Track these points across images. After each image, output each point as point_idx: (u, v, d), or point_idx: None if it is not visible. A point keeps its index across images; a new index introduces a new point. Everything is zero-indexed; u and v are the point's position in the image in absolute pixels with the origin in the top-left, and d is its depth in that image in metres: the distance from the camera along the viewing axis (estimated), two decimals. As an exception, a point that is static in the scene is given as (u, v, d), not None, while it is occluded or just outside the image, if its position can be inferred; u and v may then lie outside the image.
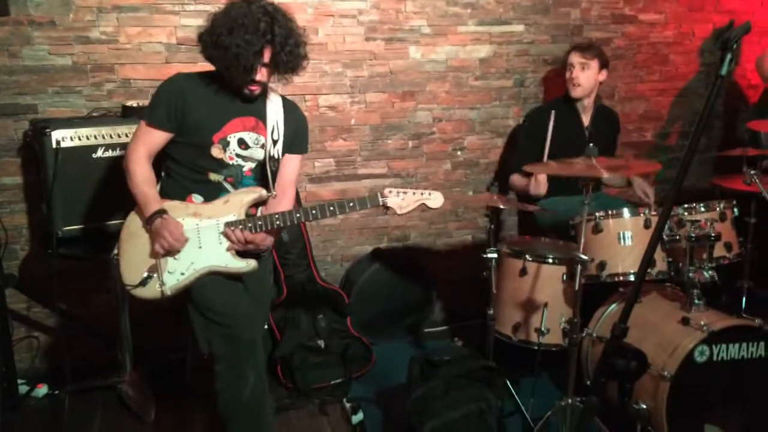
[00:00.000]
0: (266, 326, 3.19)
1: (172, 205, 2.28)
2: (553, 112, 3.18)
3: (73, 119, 2.88)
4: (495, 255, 2.84)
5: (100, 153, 2.76)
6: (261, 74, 2.22)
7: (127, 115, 2.87)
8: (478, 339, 3.14)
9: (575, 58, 3.36)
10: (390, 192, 2.29)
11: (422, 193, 2.30)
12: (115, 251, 2.34)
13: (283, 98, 2.43)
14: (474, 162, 3.75)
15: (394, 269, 3.54)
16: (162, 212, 2.23)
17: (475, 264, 3.05)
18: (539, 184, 3.21)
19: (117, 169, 2.75)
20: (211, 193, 2.32)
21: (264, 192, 2.33)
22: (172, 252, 2.24)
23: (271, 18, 2.16)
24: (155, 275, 2.24)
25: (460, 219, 3.83)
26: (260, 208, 2.39)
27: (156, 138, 2.27)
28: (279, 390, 3.11)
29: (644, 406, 2.50)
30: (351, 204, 2.27)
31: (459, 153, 3.71)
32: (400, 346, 3.51)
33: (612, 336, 1.54)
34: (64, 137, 2.69)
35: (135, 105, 2.88)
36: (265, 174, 2.37)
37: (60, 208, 2.71)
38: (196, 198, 2.32)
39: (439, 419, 2.49)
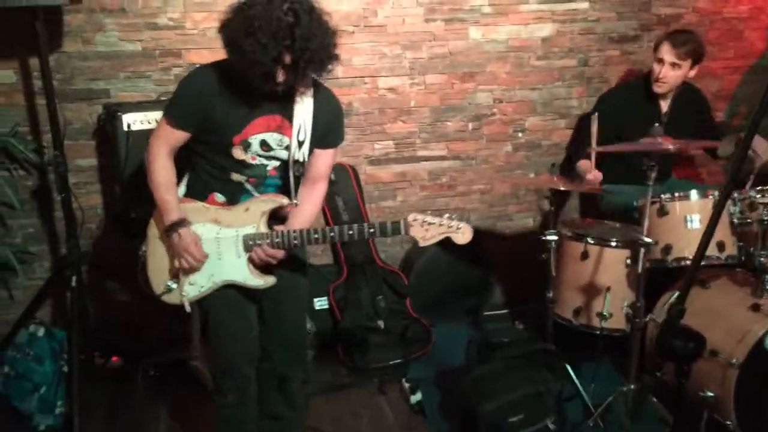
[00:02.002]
0: (326, 306, 3.27)
1: (194, 208, 2.18)
2: (595, 114, 2.91)
3: (143, 103, 2.98)
4: (555, 237, 2.80)
5: (168, 136, 2.85)
6: (281, 76, 1.99)
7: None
8: (539, 322, 3.11)
9: (667, 55, 3.09)
10: (415, 221, 2.12)
11: (449, 226, 2.13)
12: (143, 249, 2.28)
13: (315, 88, 2.18)
14: (535, 144, 3.70)
15: (453, 252, 3.53)
16: (179, 224, 2.13)
17: (536, 247, 3.02)
18: (592, 181, 2.98)
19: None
20: (234, 192, 2.20)
21: (285, 201, 2.20)
22: (195, 269, 2.18)
23: (294, 16, 1.91)
24: (177, 284, 2.21)
25: (521, 202, 3.79)
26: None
27: (176, 136, 2.13)
28: (339, 369, 3.17)
29: (711, 394, 2.43)
30: (371, 230, 2.13)
31: (520, 134, 3.66)
32: (459, 328, 3.51)
33: (668, 316, 1.51)
34: (134, 121, 2.80)
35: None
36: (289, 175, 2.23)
37: (131, 189, 2.83)
38: (219, 197, 2.21)
39: (496, 400, 2.49)
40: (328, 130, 2.23)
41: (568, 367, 2.84)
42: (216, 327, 2.27)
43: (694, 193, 2.76)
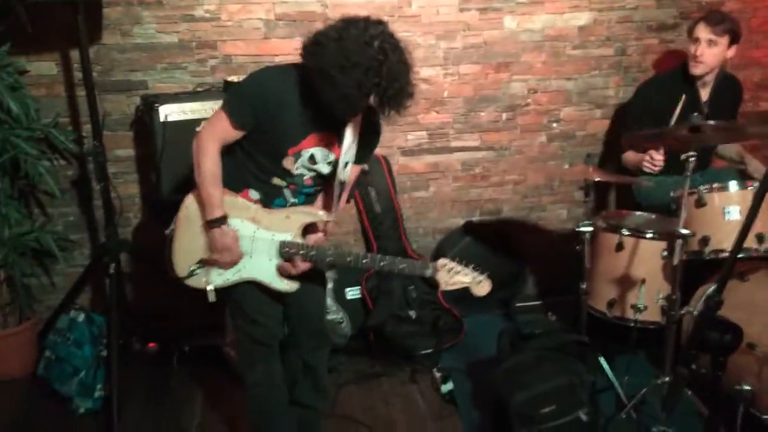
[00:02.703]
0: (358, 296, 3.29)
1: (234, 202, 2.20)
2: (684, 96, 2.90)
3: (180, 94, 3.03)
4: (590, 229, 2.76)
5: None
6: (362, 109, 2.08)
7: (228, 90, 2.99)
8: (572, 314, 3.08)
9: (703, 33, 3.05)
10: (443, 266, 2.19)
11: (473, 278, 2.21)
12: (171, 228, 2.28)
13: (368, 111, 2.18)
14: (570, 134, 3.65)
15: (486, 243, 3.53)
16: (223, 221, 2.15)
17: (570, 239, 2.99)
18: (654, 161, 2.92)
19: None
20: (270, 194, 2.23)
21: (324, 217, 2.25)
22: (230, 267, 2.22)
23: (384, 56, 1.93)
24: (203, 270, 2.23)
25: (555, 193, 3.75)
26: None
27: (232, 134, 2.14)
28: (370, 358, 3.19)
29: (748, 387, 2.38)
30: (402, 266, 2.18)
31: (555, 125, 3.62)
32: (492, 319, 3.49)
33: (705, 308, 1.49)
34: (171, 112, 2.84)
35: (236, 80, 2.99)
36: (325, 181, 2.28)
37: (167, 179, 2.88)
38: (253, 194, 2.23)
39: (528, 391, 2.48)
40: (366, 149, 2.29)
41: (602, 359, 2.81)
42: (240, 300, 2.29)
43: (733, 184, 2.70)
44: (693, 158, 2.39)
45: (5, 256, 2.94)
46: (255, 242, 2.21)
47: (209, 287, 2.23)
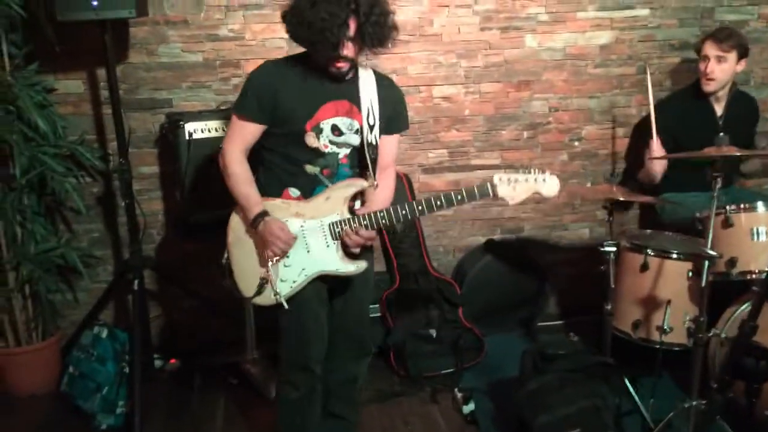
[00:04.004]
0: (378, 314, 3.28)
1: (273, 205, 2.19)
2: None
3: (204, 112, 3.06)
4: (614, 249, 2.73)
5: (227, 144, 2.92)
6: (347, 49, 2.06)
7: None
8: (595, 335, 3.05)
9: (711, 50, 3.09)
10: (500, 180, 2.12)
11: (536, 179, 2.11)
12: (225, 256, 2.27)
13: (377, 75, 2.25)
14: (592, 153, 3.64)
15: (507, 261, 3.51)
16: (264, 214, 2.15)
17: (592, 258, 2.96)
18: (651, 150, 3.00)
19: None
20: (308, 185, 2.22)
21: (364, 183, 2.23)
22: (285, 254, 2.19)
23: None
24: (269, 283, 2.19)
25: (577, 211, 3.73)
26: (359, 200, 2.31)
27: (250, 130, 2.17)
28: (391, 377, 3.18)
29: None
30: (459, 196, 2.12)
31: (576, 143, 3.61)
32: (513, 338, 3.47)
33: (740, 333, 1.46)
34: (195, 129, 2.88)
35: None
36: (362, 160, 2.26)
37: (191, 196, 2.90)
38: (293, 192, 2.22)
39: (552, 413, 2.45)
40: (392, 114, 2.28)
41: (627, 381, 2.77)
42: (292, 326, 2.26)
43: (760, 205, 2.67)
44: (719, 177, 2.37)
45: (30, 272, 2.97)
46: (306, 235, 2.19)
47: (280, 299, 2.19)
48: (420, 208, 2.15)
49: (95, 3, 2.62)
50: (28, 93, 2.82)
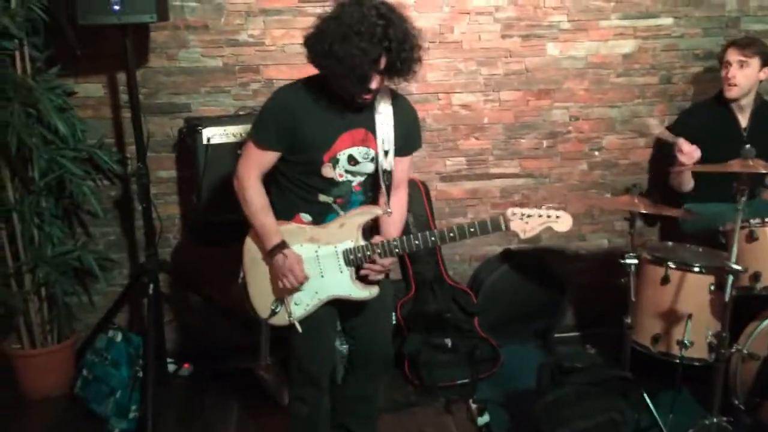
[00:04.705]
0: (393, 322, 3.25)
1: (289, 230, 2.19)
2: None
3: (222, 117, 3.06)
4: (635, 261, 2.69)
5: (244, 149, 2.91)
6: (375, 83, 2.03)
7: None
8: (612, 348, 3.00)
9: (733, 56, 3.08)
10: (514, 215, 2.14)
11: (548, 216, 2.15)
12: (241, 276, 2.28)
13: (392, 96, 2.23)
14: (612, 163, 3.59)
15: (523, 271, 3.46)
16: (282, 246, 2.14)
17: (610, 269, 2.93)
18: (684, 153, 2.97)
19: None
20: (320, 213, 2.22)
21: (378, 211, 2.24)
22: (294, 289, 2.20)
23: (386, 21, 1.96)
24: (283, 305, 2.21)
25: (596, 222, 3.68)
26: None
27: (267, 158, 2.16)
28: (405, 386, 3.15)
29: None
30: (472, 229, 2.13)
31: (596, 153, 3.57)
32: (529, 350, 3.43)
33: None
34: (213, 134, 2.88)
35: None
36: (376, 187, 2.27)
37: (208, 200, 2.90)
38: (304, 217, 2.22)
39: (569, 427, 2.41)
40: (406, 138, 2.26)
41: (645, 396, 2.72)
42: (302, 344, 2.28)
43: (786, 219, 2.61)
44: (744, 189, 2.33)
45: (47, 275, 2.98)
46: (321, 261, 2.20)
47: (294, 321, 2.21)
48: (433, 239, 2.16)
49: (117, 7, 2.63)
50: (48, 96, 2.83)
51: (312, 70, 2.08)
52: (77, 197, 3.04)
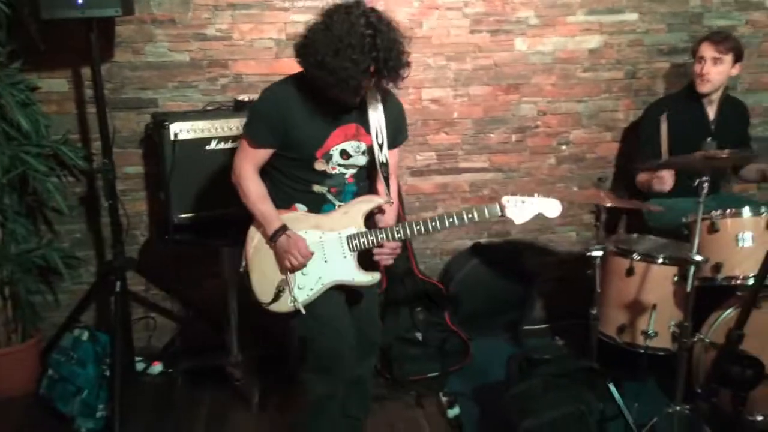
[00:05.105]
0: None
1: (293, 218, 2.27)
2: (664, 114, 3.05)
3: (190, 113, 3.03)
4: (600, 253, 2.73)
5: (213, 145, 2.89)
6: (365, 88, 2.14)
7: (238, 108, 2.97)
8: (580, 339, 3.05)
9: (707, 51, 3.10)
10: (509, 202, 2.28)
11: (540, 202, 2.30)
12: (243, 264, 2.33)
13: (380, 92, 2.29)
14: (580, 157, 3.64)
15: (493, 265, 3.49)
16: (284, 228, 2.22)
17: (579, 262, 2.97)
18: (663, 180, 3.03)
19: (228, 160, 2.87)
20: (315, 203, 2.30)
21: (381, 200, 2.34)
22: (300, 267, 2.26)
23: (374, 30, 2.03)
24: (286, 291, 2.27)
25: (564, 215, 3.69)
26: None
27: (261, 155, 2.24)
28: (376, 380, 3.14)
29: (760, 418, 2.34)
30: (470, 215, 2.26)
31: (564, 147, 3.61)
32: (498, 342, 3.46)
33: (727, 342, 1.45)
34: (181, 130, 2.84)
35: (246, 99, 2.99)
36: (367, 177, 2.38)
37: (176, 197, 2.87)
38: (300, 207, 2.30)
39: (537, 418, 2.44)
40: (396, 131, 2.36)
41: (611, 386, 2.76)
42: (321, 335, 2.28)
43: (746, 210, 2.67)
44: (706, 182, 2.37)
45: (11, 273, 2.93)
46: (325, 246, 2.28)
47: (297, 305, 2.26)
48: (434, 224, 2.26)
49: (80, 1, 2.59)
50: (10, 91, 2.79)
51: (283, 65, 2.12)
52: (41, 194, 2.99)
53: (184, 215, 2.89)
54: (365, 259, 2.31)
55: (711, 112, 3.25)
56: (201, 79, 3.17)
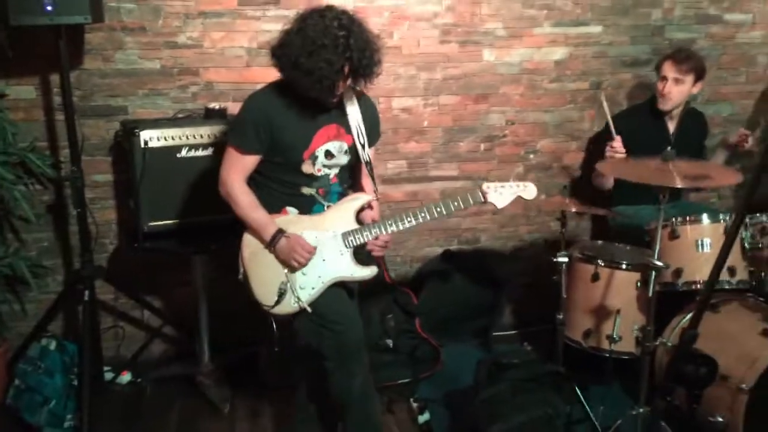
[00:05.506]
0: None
1: (286, 221, 2.34)
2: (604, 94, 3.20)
3: (160, 120, 3.02)
4: (566, 259, 2.80)
5: (184, 153, 2.89)
6: (341, 87, 2.23)
7: (209, 116, 2.99)
8: (548, 344, 3.10)
9: (669, 71, 3.20)
10: (488, 188, 2.40)
11: (518, 186, 2.43)
12: (241, 271, 2.38)
13: (355, 92, 2.40)
14: (547, 165, 3.71)
15: (463, 271, 3.54)
16: (282, 231, 2.29)
17: (546, 268, 3.02)
18: (616, 149, 3.08)
19: (199, 168, 2.88)
20: (305, 205, 2.38)
21: (369, 197, 2.44)
22: (306, 264, 2.31)
23: (347, 31, 2.13)
24: (288, 292, 2.32)
25: (532, 223, 3.79)
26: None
27: (249, 162, 2.30)
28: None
29: (720, 419, 2.41)
30: (455, 203, 2.36)
31: (531, 156, 3.68)
32: (468, 349, 3.49)
33: (681, 341, 1.51)
34: (151, 137, 2.84)
35: (217, 107, 3.00)
36: (349, 176, 2.48)
37: (146, 205, 2.86)
38: (291, 210, 2.38)
39: (505, 423, 2.48)
40: (372, 129, 2.48)
41: (578, 390, 2.82)
42: (329, 313, 2.32)
43: (705, 217, 2.77)
44: (667, 189, 2.45)
45: (-24, 282, 2.88)
46: (321, 245, 2.34)
47: (302, 305, 2.31)
48: (423, 215, 2.36)
49: (49, 8, 2.57)
50: (-24, 98, 2.75)
51: (254, 74, 2.16)
52: (8, 202, 2.94)
53: (154, 223, 2.88)
54: (360, 255, 2.40)
55: (671, 126, 3.36)
56: (172, 86, 3.16)
